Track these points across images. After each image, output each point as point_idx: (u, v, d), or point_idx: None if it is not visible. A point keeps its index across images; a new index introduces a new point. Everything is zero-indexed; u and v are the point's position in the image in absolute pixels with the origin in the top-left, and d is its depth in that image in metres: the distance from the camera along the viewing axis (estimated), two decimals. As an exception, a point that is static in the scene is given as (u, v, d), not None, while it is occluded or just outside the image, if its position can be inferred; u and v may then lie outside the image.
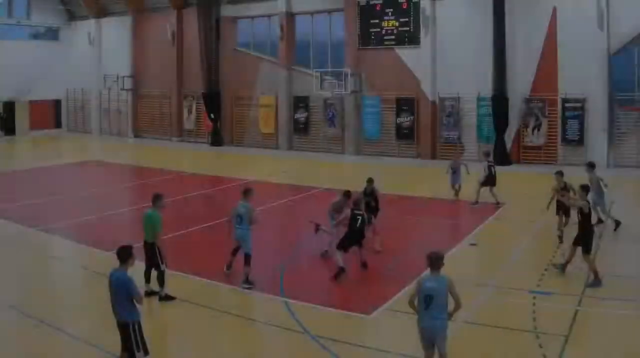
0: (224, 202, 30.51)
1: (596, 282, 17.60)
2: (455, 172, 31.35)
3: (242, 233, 19.02)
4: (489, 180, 29.95)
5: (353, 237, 19.26)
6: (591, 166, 24.69)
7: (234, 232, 19.25)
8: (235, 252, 19.53)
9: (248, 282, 18.58)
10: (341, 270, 18.71)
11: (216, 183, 37.84)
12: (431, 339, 11.86)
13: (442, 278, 11.91)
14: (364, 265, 19.81)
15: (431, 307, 11.67)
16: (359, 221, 19.30)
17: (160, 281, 17.27)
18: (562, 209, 23.06)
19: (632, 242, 22.13)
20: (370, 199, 22.16)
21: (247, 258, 18.75)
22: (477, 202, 29.65)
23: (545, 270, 19.17)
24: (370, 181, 23.06)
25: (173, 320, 16.40)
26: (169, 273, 17.81)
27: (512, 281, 18.27)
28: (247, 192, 19.80)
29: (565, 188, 23.10)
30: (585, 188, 19.31)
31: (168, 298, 17.23)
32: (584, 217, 18.49)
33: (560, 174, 23.64)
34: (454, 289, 11.87)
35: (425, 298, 11.72)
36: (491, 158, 32.47)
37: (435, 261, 11.97)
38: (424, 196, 32.25)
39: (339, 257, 18.99)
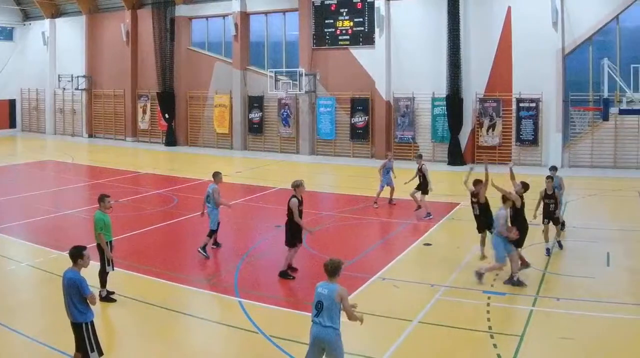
0: (178, 202, 29.94)
1: (516, 281, 17.11)
2: (389, 172, 29.35)
3: (209, 211, 20.98)
4: (420, 185, 27.53)
5: None
6: (554, 169, 22.68)
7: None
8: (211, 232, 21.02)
9: (204, 251, 20.43)
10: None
11: (171, 183, 36.18)
12: (319, 348, 11.04)
13: (332, 286, 11.09)
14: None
15: (321, 314, 10.92)
16: None
17: (102, 281, 16.43)
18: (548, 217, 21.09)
19: (585, 242, 21.22)
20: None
21: (210, 232, 20.80)
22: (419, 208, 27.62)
23: (500, 270, 18.04)
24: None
25: (127, 320, 15.59)
26: (123, 273, 17.69)
27: (467, 281, 17.53)
28: (215, 175, 21.67)
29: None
30: (524, 185, 19.12)
31: (109, 299, 16.39)
32: (517, 211, 18.27)
33: (551, 178, 21.45)
34: (344, 301, 10.99)
35: (317, 304, 11.04)
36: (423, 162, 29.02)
37: (331, 269, 11.24)
38: (380, 197, 29.99)
39: None
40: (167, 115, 55.11)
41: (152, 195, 32.54)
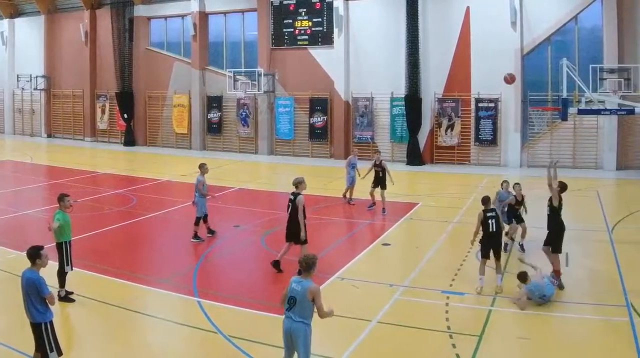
0: (137, 202, 28.62)
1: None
2: (353, 168, 28.20)
3: (196, 200, 21.68)
4: (376, 181, 26.55)
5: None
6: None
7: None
8: (205, 218, 21.80)
9: (197, 237, 21.33)
10: None
11: (129, 183, 34.47)
12: (291, 342, 10.77)
13: (306, 283, 10.68)
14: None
15: (293, 309, 10.65)
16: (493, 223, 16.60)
17: (61, 281, 15.71)
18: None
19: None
20: None
21: (197, 219, 21.53)
22: (373, 204, 26.69)
23: (458, 270, 17.85)
24: None
25: (86, 320, 14.86)
26: (82, 273, 17.10)
27: (426, 281, 17.07)
28: (201, 167, 22.29)
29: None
30: (562, 185, 17.13)
31: (68, 299, 15.61)
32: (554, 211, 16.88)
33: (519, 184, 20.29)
34: (317, 298, 10.62)
35: (290, 299, 10.73)
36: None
37: (306, 266, 10.81)
38: (338, 196, 29.17)
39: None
40: (126, 115, 52.68)
41: (111, 195, 31.02)
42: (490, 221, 16.52)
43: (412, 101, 40.54)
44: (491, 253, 16.30)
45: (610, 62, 35.78)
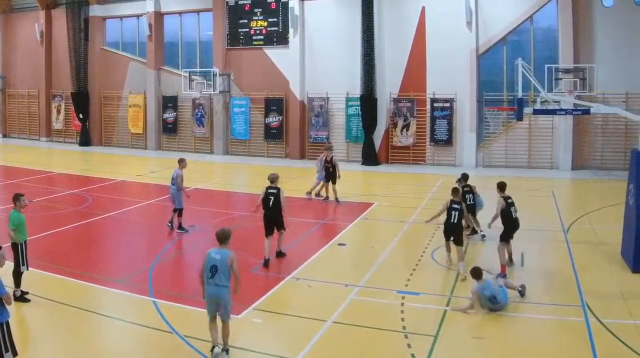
0: (92, 202, 26.99)
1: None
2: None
3: (173, 192, 21.50)
4: (327, 176, 26.95)
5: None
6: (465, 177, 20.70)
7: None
8: (180, 212, 21.52)
9: (181, 228, 21.37)
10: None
11: (85, 183, 32.25)
12: (215, 306, 11.59)
13: (225, 251, 11.67)
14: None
15: (216, 276, 11.46)
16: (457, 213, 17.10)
17: (16, 281, 14.95)
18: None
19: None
20: None
21: (179, 211, 21.52)
22: (327, 198, 27.07)
23: (414, 270, 17.07)
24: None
25: (41, 320, 14.06)
26: (37, 273, 16.34)
27: (381, 281, 16.30)
28: (180, 161, 22.00)
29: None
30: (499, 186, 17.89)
31: (23, 299, 14.79)
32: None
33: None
34: (234, 264, 11.59)
35: (211, 268, 11.51)
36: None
37: (222, 237, 11.80)
38: (292, 196, 26.87)
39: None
40: (81, 115, 49.28)
41: (66, 195, 29.06)
42: (453, 212, 16.95)
43: (368, 101, 38.21)
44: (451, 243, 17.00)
45: (566, 62, 34.11)
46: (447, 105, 37.06)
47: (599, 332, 12.66)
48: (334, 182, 26.61)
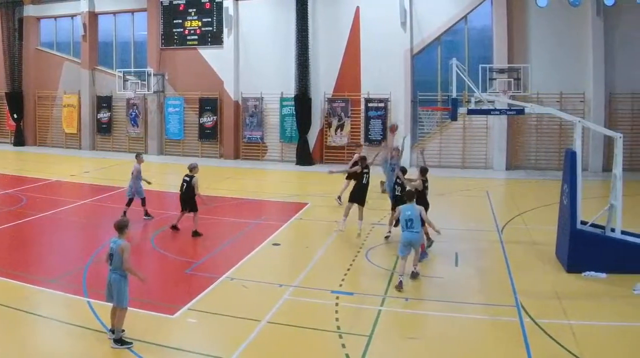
0: (27, 202, 24.70)
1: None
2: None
3: (131, 183, 21.06)
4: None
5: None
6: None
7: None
8: (129, 202, 21.03)
9: (148, 215, 21.07)
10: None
11: (19, 183, 29.36)
12: (111, 292, 11.18)
13: (119, 241, 11.10)
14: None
15: (111, 264, 11.12)
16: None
17: None
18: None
19: (434, 242, 17.50)
20: None
21: (142, 201, 21.16)
22: None
23: (348, 270, 15.86)
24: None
25: None
26: None
27: (315, 281, 15.14)
28: (137, 156, 21.68)
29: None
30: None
31: None
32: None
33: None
34: (125, 252, 11.01)
35: (109, 256, 11.16)
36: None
37: (118, 227, 11.27)
38: (227, 196, 25.91)
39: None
40: (15, 115, 44.26)
41: (0, 196, 26.26)
42: (365, 175, 18.42)
43: (302, 101, 34.40)
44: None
45: (500, 62, 31.12)
46: (382, 105, 33.45)
47: (533, 331, 11.69)
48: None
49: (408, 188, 16.20)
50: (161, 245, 18.40)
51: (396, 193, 17.73)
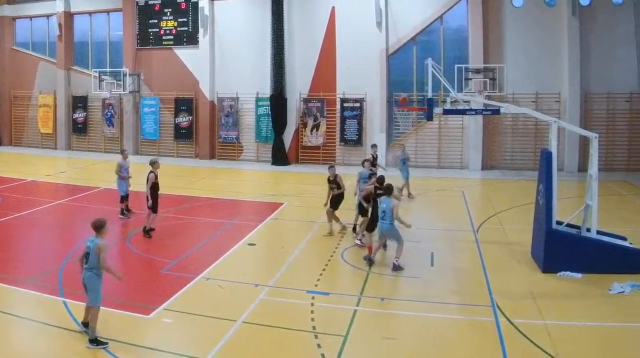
0: (2, 202, 23.96)
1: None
2: (405, 163, 24.61)
3: (118, 181, 20.97)
4: None
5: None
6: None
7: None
8: (126, 198, 20.90)
9: (128, 211, 20.88)
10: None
11: None
12: (85, 290, 10.94)
13: (96, 240, 10.83)
14: None
15: (86, 263, 10.81)
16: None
17: None
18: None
19: (410, 242, 16.58)
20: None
21: (121, 198, 20.90)
22: None
23: (324, 270, 15.44)
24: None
25: None
26: None
27: (291, 281, 14.69)
28: (122, 152, 21.81)
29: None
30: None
31: None
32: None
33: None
34: (101, 253, 10.73)
35: (85, 255, 10.86)
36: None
37: (95, 227, 10.98)
38: (202, 196, 25.29)
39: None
40: (-10, 116, 42.40)
41: None
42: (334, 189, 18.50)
43: (278, 101, 33.13)
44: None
45: (476, 62, 30.09)
46: (357, 105, 32.22)
47: (508, 331, 11.40)
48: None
49: (387, 184, 15.86)
50: (137, 245, 17.90)
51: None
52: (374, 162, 22.72)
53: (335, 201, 18.55)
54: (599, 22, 29.42)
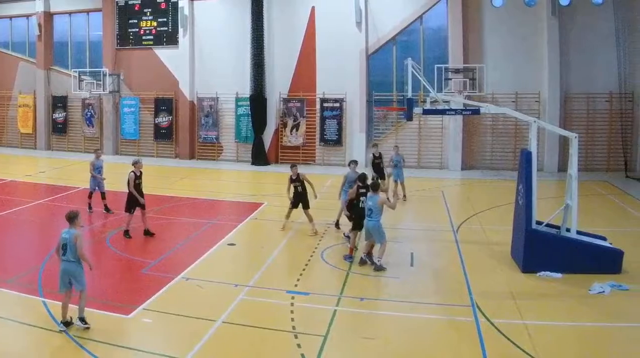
0: None
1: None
2: (396, 165, 23.55)
3: (90, 178, 21.11)
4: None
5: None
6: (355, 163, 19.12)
7: None
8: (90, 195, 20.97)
9: (108, 210, 20.68)
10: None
11: None
12: (68, 279, 10.95)
13: (72, 231, 10.96)
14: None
15: (65, 254, 10.93)
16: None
17: None
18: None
19: (390, 242, 15.96)
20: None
21: (102, 194, 20.96)
22: None
23: (304, 270, 14.98)
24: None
25: None
26: None
27: (271, 281, 14.29)
28: (95, 151, 22.24)
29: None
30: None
31: None
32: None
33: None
34: (79, 240, 10.93)
35: (63, 246, 10.92)
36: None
37: (69, 218, 11.07)
38: (182, 196, 24.71)
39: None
40: (-30, 116, 41.37)
41: None
42: (297, 187, 18.30)
43: (257, 101, 32.10)
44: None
45: (456, 62, 29.17)
46: (337, 105, 31.26)
47: (488, 331, 11.15)
48: (382, 178, 22.15)
49: (373, 181, 15.57)
50: (117, 245, 17.47)
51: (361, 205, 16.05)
52: (378, 161, 22.49)
53: (305, 200, 18.28)
54: (578, 22, 28.60)
